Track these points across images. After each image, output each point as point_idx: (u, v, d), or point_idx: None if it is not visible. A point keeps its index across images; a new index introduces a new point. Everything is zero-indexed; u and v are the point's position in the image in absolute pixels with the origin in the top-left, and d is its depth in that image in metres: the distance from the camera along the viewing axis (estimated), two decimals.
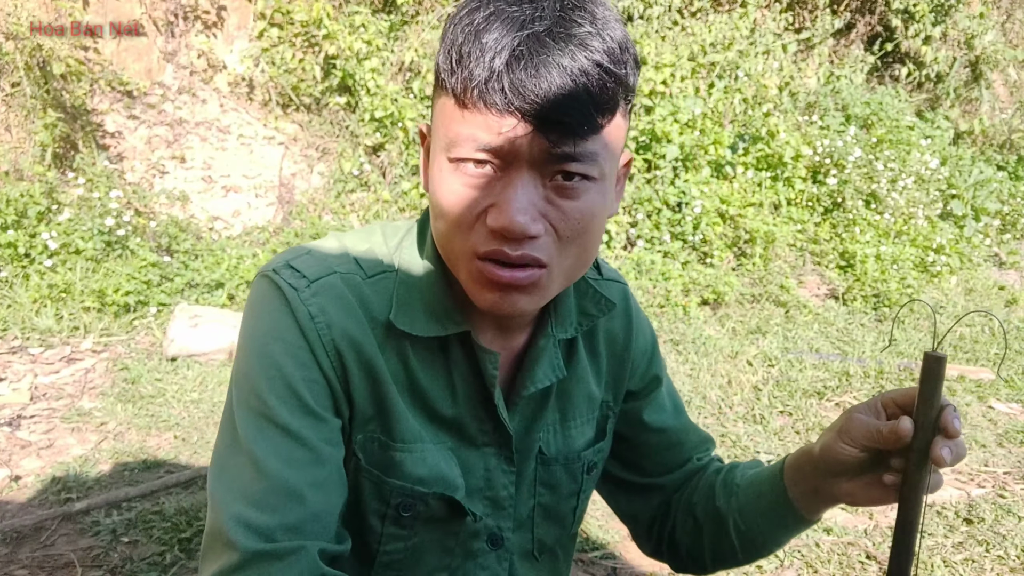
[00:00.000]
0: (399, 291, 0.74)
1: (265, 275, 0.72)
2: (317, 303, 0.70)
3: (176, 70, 4.68)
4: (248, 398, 0.68)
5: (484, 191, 0.63)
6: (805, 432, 2.89)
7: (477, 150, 0.62)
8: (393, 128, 4.73)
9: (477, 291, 0.67)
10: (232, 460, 0.67)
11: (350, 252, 0.75)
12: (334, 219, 4.62)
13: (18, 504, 2.23)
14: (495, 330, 0.78)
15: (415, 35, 4.91)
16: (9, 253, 3.65)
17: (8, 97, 4.12)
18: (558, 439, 0.84)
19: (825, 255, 5.05)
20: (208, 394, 2.99)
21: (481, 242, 0.64)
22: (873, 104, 5.86)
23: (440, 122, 0.65)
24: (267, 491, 0.64)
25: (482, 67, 0.60)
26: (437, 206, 0.67)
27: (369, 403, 0.72)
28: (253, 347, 0.69)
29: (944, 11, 6.41)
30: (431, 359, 0.75)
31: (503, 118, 0.60)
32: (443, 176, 0.65)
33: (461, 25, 0.62)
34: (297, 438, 0.67)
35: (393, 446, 0.73)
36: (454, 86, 0.62)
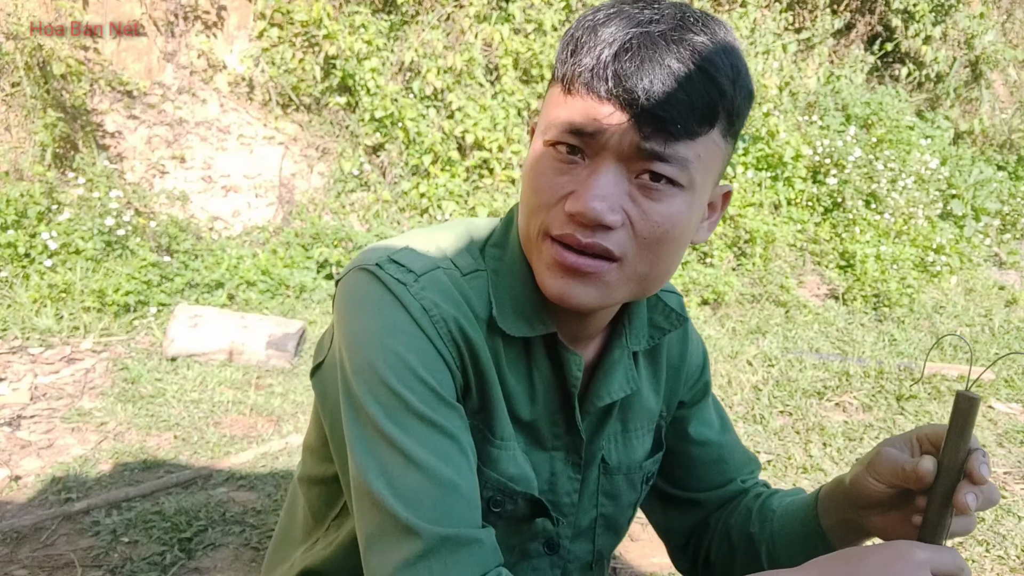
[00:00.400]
0: (493, 290, 0.74)
1: (366, 269, 0.71)
2: (428, 296, 0.69)
3: (176, 70, 4.67)
4: (379, 393, 0.66)
5: (570, 176, 0.65)
6: (805, 432, 2.89)
7: (569, 133, 0.64)
8: (393, 128, 4.73)
9: (546, 275, 0.68)
10: (380, 455, 0.65)
11: (443, 251, 0.75)
12: (334, 219, 4.62)
13: (18, 504, 2.23)
14: (570, 336, 0.77)
15: (415, 35, 4.91)
16: (9, 253, 3.65)
17: (8, 97, 4.12)
18: (619, 450, 0.84)
19: (825, 255, 5.05)
20: (208, 394, 2.99)
21: (556, 224, 0.65)
22: (873, 104, 5.86)
23: (546, 109, 0.68)
24: (423, 481, 0.64)
25: (592, 56, 0.62)
26: (527, 187, 0.68)
27: (476, 395, 0.73)
28: (370, 342, 0.67)
29: (944, 11, 6.41)
30: (515, 359, 0.75)
31: (602, 105, 0.62)
32: (536, 158, 0.67)
33: (583, 21, 0.65)
34: (438, 428, 0.66)
35: (492, 441, 0.73)
36: (564, 73, 0.65)
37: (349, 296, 0.71)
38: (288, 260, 4.22)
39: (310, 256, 4.26)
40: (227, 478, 2.43)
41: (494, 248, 0.77)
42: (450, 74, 4.82)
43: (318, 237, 4.35)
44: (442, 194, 4.69)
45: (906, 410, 3.12)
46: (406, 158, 4.77)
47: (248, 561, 2.02)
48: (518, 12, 4.89)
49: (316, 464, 0.84)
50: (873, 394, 3.28)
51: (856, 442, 2.83)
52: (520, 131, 4.88)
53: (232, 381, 3.14)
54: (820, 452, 2.73)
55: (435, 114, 4.82)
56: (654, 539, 2.20)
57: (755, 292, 4.56)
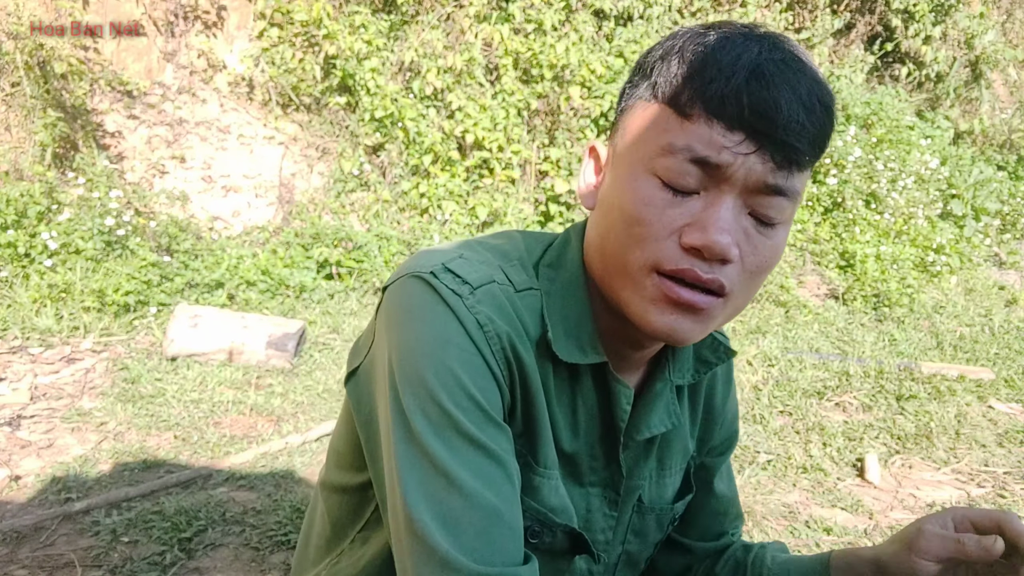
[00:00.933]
0: (547, 311, 0.70)
1: (420, 277, 0.67)
2: (483, 311, 0.66)
3: (176, 70, 4.68)
4: (427, 407, 0.63)
5: (683, 208, 0.62)
6: (805, 432, 2.89)
7: (691, 162, 0.60)
8: (393, 128, 4.73)
9: (650, 310, 0.64)
10: (422, 474, 0.62)
11: (497, 262, 0.71)
12: (334, 219, 4.63)
13: (18, 504, 2.23)
14: (616, 366, 0.74)
15: (415, 35, 4.91)
16: (9, 253, 3.65)
17: (8, 97, 4.12)
18: (654, 488, 0.82)
19: (825, 255, 5.05)
20: (208, 394, 2.99)
21: (669, 258, 0.62)
22: (873, 104, 5.86)
23: (646, 133, 0.64)
24: (466, 508, 0.61)
25: (721, 79, 0.59)
26: (623, 215, 0.64)
27: (522, 419, 0.69)
28: (421, 353, 0.64)
29: (944, 11, 6.41)
30: (561, 386, 0.72)
31: (730, 133, 0.59)
32: (637, 185, 0.63)
33: (690, 40, 0.62)
34: (486, 450, 0.63)
35: (535, 468, 0.70)
36: (679, 96, 0.61)
37: (400, 303, 0.67)
38: (288, 260, 4.22)
39: (310, 256, 4.26)
40: (227, 478, 2.43)
41: (548, 268, 0.73)
42: (450, 74, 4.82)
43: (318, 237, 4.35)
44: (442, 194, 4.69)
45: (906, 410, 3.12)
46: (406, 158, 4.77)
47: (248, 561, 2.02)
48: (518, 12, 4.89)
49: (342, 471, 0.80)
50: (873, 394, 3.28)
51: (856, 442, 2.83)
52: (520, 131, 4.88)
53: (232, 381, 3.14)
54: (820, 452, 2.73)
55: (435, 114, 4.82)
56: None
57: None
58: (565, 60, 4.83)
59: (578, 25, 5.02)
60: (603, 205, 0.68)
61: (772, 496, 2.43)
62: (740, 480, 2.50)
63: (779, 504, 2.37)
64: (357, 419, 0.74)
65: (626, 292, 0.66)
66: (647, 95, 0.64)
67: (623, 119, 0.68)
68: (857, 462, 2.69)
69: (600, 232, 0.68)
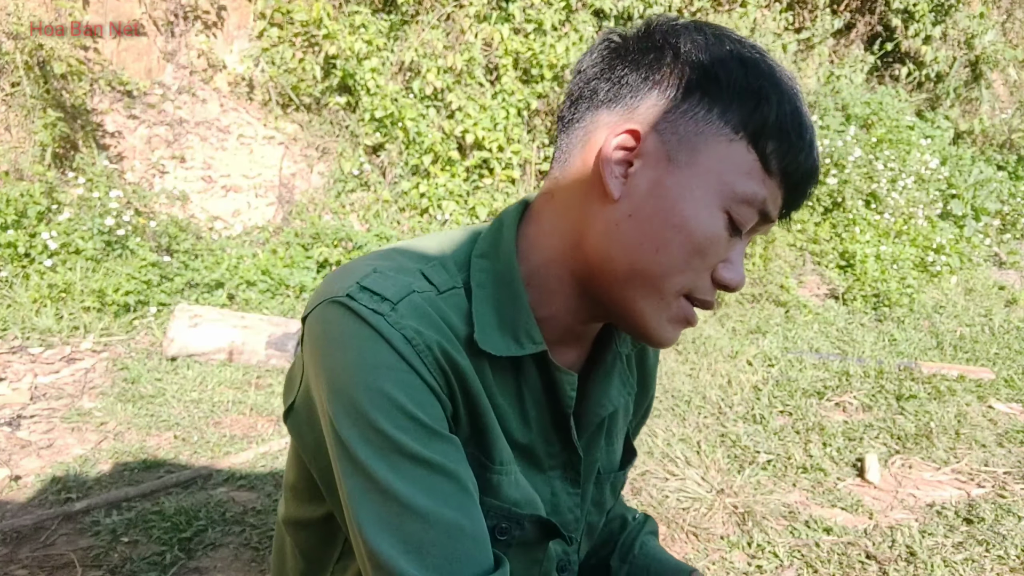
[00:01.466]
0: (476, 307, 0.69)
1: (337, 302, 0.64)
2: (408, 325, 0.63)
3: (176, 70, 4.68)
4: (367, 435, 0.61)
5: (726, 246, 0.66)
6: (805, 432, 2.89)
7: (760, 212, 0.66)
8: (393, 128, 4.73)
9: (665, 326, 0.69)
10: (375, 504, 0.61)
11: (416, 267, 0.69)
12: (334, 219, 4.62)
13: (18, 504, 2.23)
14: (560, 346, 0.74)
15: (415, 35, 4.91)
16: (9, 253, 3.65)
17: (8, 97, 4.12)
18: (604, 457, 0.82)
19: (825, 255, 5.05)
20: (208, 394, 2.99)
21: (704, 289, 0.67)
22: (873, 104, 5.86)
23: (724, 168, 0.64)
24: (426, 529, 0.60)
25: (803, 154, 0.65)
26: (685, 240, 0.64)
27: (467, 422, 0.69)
28: (352, 381, 0.62)
29: (944, 11, 6.41)
30: (504, 380, 0.71)
31: (780, 192, 0.66)
32: (712, 220, 0.65)
33: (782, 96, 0.64)
34: (434, 467, 0.62)
35: (491, 467, 0.70)
36: (769, 152, 0.64)
37: (322, 332, 0.65)
38: (288, 260, 4.22)
39: (310, 256, 4.26)
40: (227, 478, 2.43)
41: (481, 259, 0.71)
42: (450, 74, 4.82)
43: (318, 237, 4.35)
44: (442, 194, 4.70)
45: (906, 410, 3.12)
46: (406, 158, 4.77)
47: (248, 561, 2.02)
48: (518, 12, 4.89)
49: (302, 506, 0.79)
50: (873, 394, 3.28)
51: (856, 442, 2.83)
52: (520, 131, 4.89)
53: (232, 381, 3.14)
54: (820, 452, 2.73)
55: (435, 114, 4.82)
56: None
57: (755, 292, 4.56)
58: (565, 60, 4.83)
59: (578, 25, 5.02)
60: (646, 212, 0.65)
61: (772, 496, 2.43)
62: (740, 480, 2.50)
63: (779, 504, 2.37)
64: (304, 455, 0.72)
65: (647, 304, 0.67)
66: (737, 130, 0.64)
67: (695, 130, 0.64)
68: (857, 462, 2.69)
69: (635, 239, 0.65)
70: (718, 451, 2.70)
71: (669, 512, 2.31)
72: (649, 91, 0.66)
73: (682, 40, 0.66)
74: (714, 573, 2.04)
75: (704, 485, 2.46)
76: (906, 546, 2.16)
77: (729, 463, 2.63)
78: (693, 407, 3.07)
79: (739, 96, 0.63)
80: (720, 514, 2.31)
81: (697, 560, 2.08)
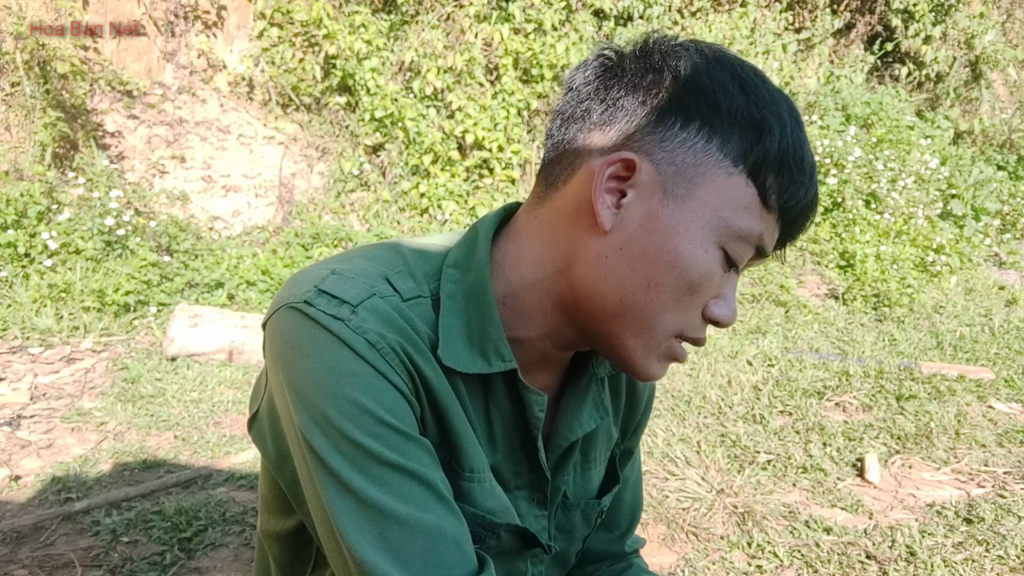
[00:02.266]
0: (444, 318, 0.66)
1: (294, 308, 0.62)
2: (370, 328, 0.61)
3: (176, 70, 4.68)
4: (340, 445, 0.60)
5: (719, 281, 0.65)
6: (805, 432, 2.89)
7: (755, 248, 0.64)
8: (393, 128, 4.73)
9: (653, 363, 0.67)
10: (355, 513, 0.60)
11: (378, 271, 0.66)
12: (334, 219, 4.63)
13: (18, 504, 2.23)
14: (533, 368, 0.72)
15: (415, 35, 4.91)
16: (9, 253, 3.65)
17: (8, 97, 4.12)
18: (578, 481, 0.80)
19: (825, 255, 5.05)
20: (208, 394, 2.99)
21: (695, 327, 0.66)
22: (873, 104, 5.86)
23: (722, 201, 0.62)
24: (408, 536, 0.59)
25: (803, 189, 0.63)
26: (678, 277, 0.62)
27: (436, 427, 0.67)
28: (317, 390, 0.60)
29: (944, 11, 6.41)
30: (473, 394, 0.69)
31: (778, 226, 0.64)
32: (708, 257, 0.62)
33: (784, 128, 0.62)
34: (409, 472, 0.61)
35: (462, 474, 0.68)
36: (768, 185, 0.62)
37: (282, 341, 0.62)
38: (288, 260, 4.22)
39: (310, 256, 4.27)
40: (227, 478, 2.43)
41: (453, 269, 0.68)
42: (450, 74, 4.82)
43: (318, 237, 4.35)
44: (442, 194, 4.70)
45: (906, 410, 3.12)
46: (406, 158, 4.77)
47: (248, 561, 2.02)
48: (518, 12, 4.89)
49: (274, 517, 0.77)
50: (873, 394, 3.28)
51: (856, 442, 2.83)
52: (520, 131, 4.89)
53: (232, 381, 3.14)
54: (820, 452, 2.73)
55: (435, 114, 4.82)
56: (653, 538, 2.20)
57: (755, 292, 4.56)
58: (565, 60, 4.83)
59: (578, 25, 5.02)
60: (638, 246, 0.62)
61: (772, 496, 2.43)
62: (740, 480, 2.50)
63: (779, 504, 2.38)
64: (269, 465, 0.70)
65: (636, 341, 0.65)
66: (734, 164, 0.62)
67: (692, 161, 0.62)
68: (857, 462, 2.69)
69: (627, 275, 0.63)
70: (718, 451, 2.70)
71: (669, 512, 2.31)
72: (646, 116, 0.62)
73: (682, 63, 0.63)
74: (714, 573, 2.04)
75: (704, 485, 2.46)
76: (906, 546, 2.16)
77: (729, 463, 2.63)
78: (693, 407, 3.07)
79: (740, 126, 0.61)
80: (720, 514, 2.31)
81: (697, 560, 2.09)
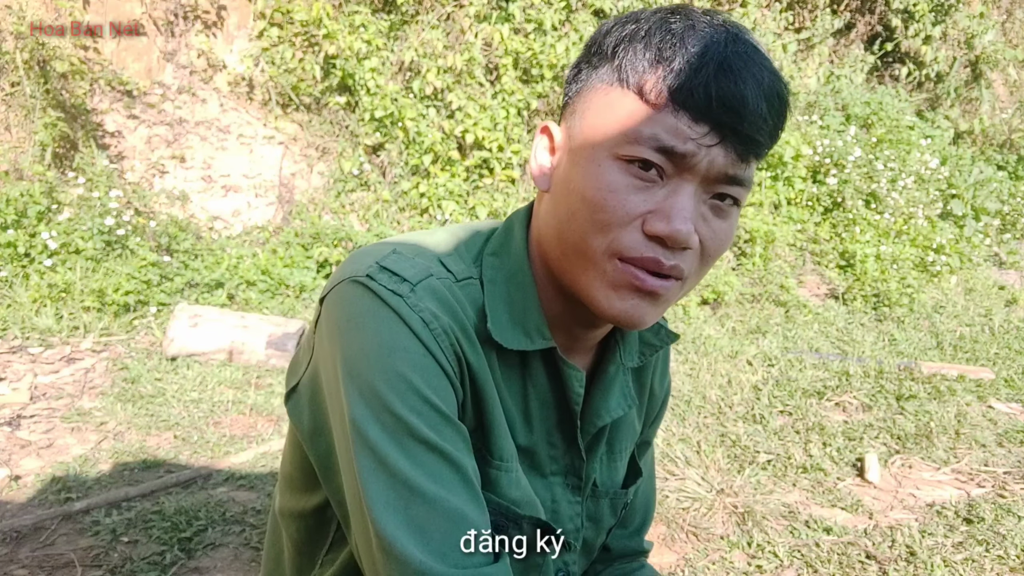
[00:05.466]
0: (489, 300, 0.69)
1: (358, 281, 0.65)
2: (427, 308, 0.64)
3: (176, 70, 4.67)
4: (381, 416, 0.61)
5: (646, 195, 0.62)
6: (805, 432, 2.89)
7: (656, 150, 0.60)
8: (393, 128, 4.73)
9: (611, 295, 0.64)
10: (384, 485, 0.61)
11: (434, 253, 0.70)
12: (334, 219, 4.62)
13: (18, 504, 2.23)
14: (566, 350, 0.74)
15: (415, 35, 4.91)
16: (9, 253, 3.65)
17: (8, 97, 4.12)
18: (605, 472, 0.81)
19: (825, 255, 5.05)
20: (208, 394, 2.99)
21: (631, 246, 0.62)
22: (873, 104, 5.86)
23: (608, 119, 0.63)
24: (433, 515, 0.61)
25: (688, 71, 0.59)
26: (585, 201, 0.63)
27: (473, 412, 0.69)
28: (369, 361, 0.62)
29: (944, 11, 6.40)
30: (511, 376, 0.71)
31: (695, 124, 0.59)
32: (600, 172, 0.62)
33: (659, 28, 0.61)
34: (443, 454, 0.62)
35: (491, 462, 0.69)
36: (645, 83, 0.60)
37: (341, 312, 0.65)
38: (288, 260, 4.22)
39: (310, 256, 4.27)
40: (227, 478, 2.43)
41: (492, 257, 0.73)
42: (450, 74, 4.82)
43: (318, 237, 4.35)
44: (442, 194, 4.70)
45: (906, 410, 3.12)
46: (406, 158, 4.77)
47: (248, 561, 2.02)
48: (518, 12, 4.89)
49: (296, 495, 0.79)
50: (873, 394, 3.28)
51: (856, 442, 2.83)
52: (520, 131, 4.88)
53: (232, 381, 3.14)
54: (820, 452, 2.73)
55: (435, 114, 4.82)
56: (653, 538, 2.20)
57: (755, 292, 4.56)
58: (565, 60, 4.82)
59: (578, 25, 5.02)
60: (560, 188, 0.67)
61: (772, 496, 2.43)
62: (740, 480, 2.50)
63: (779, 504, 2.37)
64: (302, 437, 0.72)
65: (586, 276, 0.65)
66: (610, 79, 0.63)
67: (580, 100, 0.66)
68: (857, 462, 2.69)
69: (558, 216, 0.67)
70: (718, 451, 2.70)
71: (669, 512, 2.31)
72: (568, 87, 0.69)
73: (604, 29, 0.66)
74: (714, 573, 2.04)
75: (704, 485, 2.46)
76: (906, 546, 2.16)
77: (729, 463, 2.63)
78: (693, 407, 3.07)
79: (618, 50, 0.63)
80: (720, 514, 2.31)
81: (697, 560, 2.09)
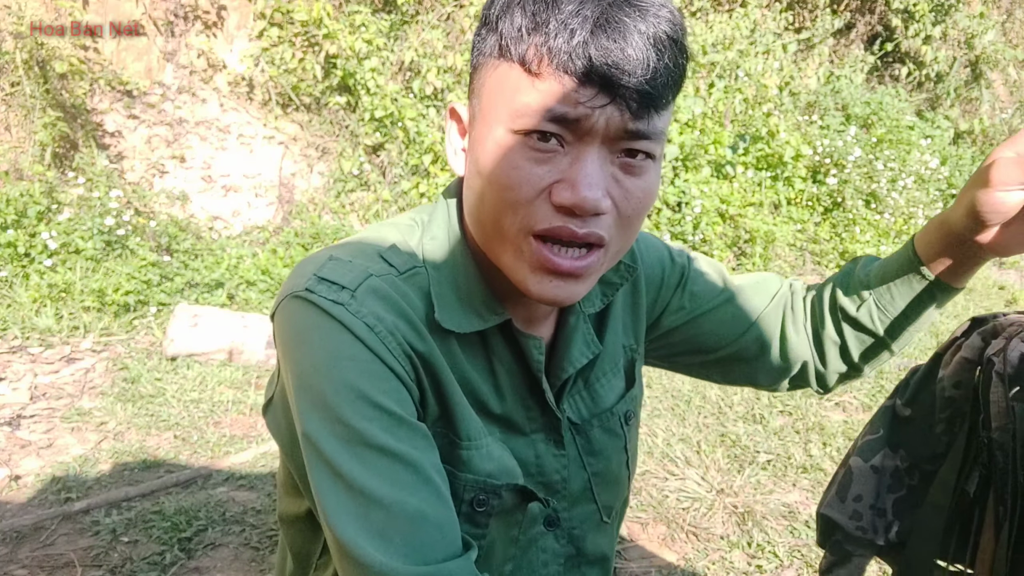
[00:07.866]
0: (435, 287, 0.70)
1: (298, 296, 0.65)
2: (369, 311, 0.64)
3: (176, 70, 4.67)
4: (333, 427, 0.62)
5: (549, 166, 0.60)
6: (805, 432, 2.89)
7: (549, 120, 0.59)
8: (393, 128, 4.73)
9: (530, 276, 0.64)
10: (341, 495, 0.61)
11: (374, 250, 0.70)
12: (334, 219, 4.62)
13: (18, 504, 2.23)
14: (526, 314, 0.75)
15: (415, 35, 4.91)
16: (9, 253, 3.65)
17: (8, 97, 4.12)
18: (585, 402, 0.82)
19: (825, 255, 5.05)
20: (208, 394, 2.99)
21: (541, 219, 0.61)
22: (873, 104, 5.86)
23: (500, 94, 0.62)
24: (392, 519, 0.61)
25: (564, 34, 0.57)
26: (491, 180, 0.62)
27: (435, 403, 0.69)
28: (317, 374, 0.63)
29: (944, 11, 6.41)
30: (473, 353, 0.72)
31: (582, 87, 0.57)
32: (500, 150, 0.61)
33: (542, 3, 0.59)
34: (398, 456, 0.62)
35: (459, 444, 0.70)
36: (525, 53, 0.59)
37: (288, 329, 0.66)
38: (288, 260, 4.22)
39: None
40: (227, 478, 2.43)
41: (432, 241, 0.72)
42: (450, 74, 4.82)
43: (318, 237, 4.35)
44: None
45: None
46: (406, 158, 4.77)
47: (248, 561, 2.02)
48: None
49: (290, 500, 0.81)
50: (873, 394, 3.28)
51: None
52: None
53: (232, 381, 3.14)
54: (820, 452, 2.73)
55: (435, 114, 4.82)
56: (653, 538, 2.21)
57: None
58: None
59: None
60: (471, 170, 0.66)
61: (772, 496, 2.43)
62: (740, 480, 2.50)
63: (779, 504, 2.38)
64: (281, 449, 0.73)
65: (507, 257, 0.65)
66: (495, 53, 0.62)
67: (477, 78, 0.65)
68: None
69: (473, 198, 0.66)
70: (718, 451, 2.70)
71: (669, 512, 2.31)
72: None
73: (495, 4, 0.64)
74: (714, 573, 2.04)
75: (704, 485, 2.46)
76: None
77: (729, 463, 2.63)
78: (693, 407, 3.07)
79: (498, 20, 0.62)
80: (720, 514, 2.31)
81: (697, 560, 2.09)
